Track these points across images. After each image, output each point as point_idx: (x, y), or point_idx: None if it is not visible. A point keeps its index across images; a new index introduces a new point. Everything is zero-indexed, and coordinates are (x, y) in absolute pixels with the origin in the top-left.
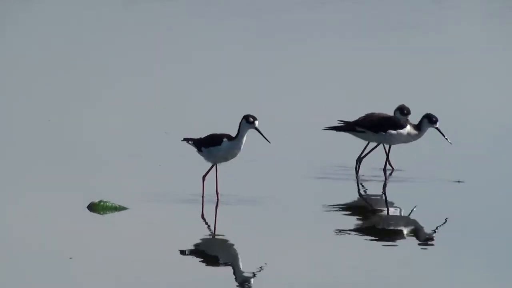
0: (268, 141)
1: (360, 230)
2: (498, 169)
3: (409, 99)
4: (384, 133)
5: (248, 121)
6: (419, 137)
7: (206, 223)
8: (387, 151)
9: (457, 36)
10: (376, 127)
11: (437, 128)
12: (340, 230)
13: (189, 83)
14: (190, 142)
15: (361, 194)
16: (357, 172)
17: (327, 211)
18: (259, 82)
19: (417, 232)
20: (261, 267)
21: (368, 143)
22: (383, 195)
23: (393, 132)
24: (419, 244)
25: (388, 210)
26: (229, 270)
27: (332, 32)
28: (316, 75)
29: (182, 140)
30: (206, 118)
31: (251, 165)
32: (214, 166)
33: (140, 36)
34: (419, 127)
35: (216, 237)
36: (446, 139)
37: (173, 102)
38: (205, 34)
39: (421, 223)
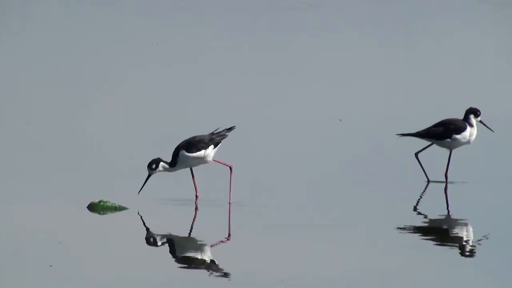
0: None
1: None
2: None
3: (410, 100)
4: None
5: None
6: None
7: (205, 224)
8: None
9: (455, 38)
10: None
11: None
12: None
13: (189, 83)
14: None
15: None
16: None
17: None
18: (256, 82)
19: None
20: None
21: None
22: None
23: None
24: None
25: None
26: (228, 270)
27: (331, 33)
28: (316, 76)
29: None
30: (208, 118)
31: (251, 169)
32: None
33: (140, 35)
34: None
35: (216, 238)
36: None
37: (173, 103)
38: (204, 34)
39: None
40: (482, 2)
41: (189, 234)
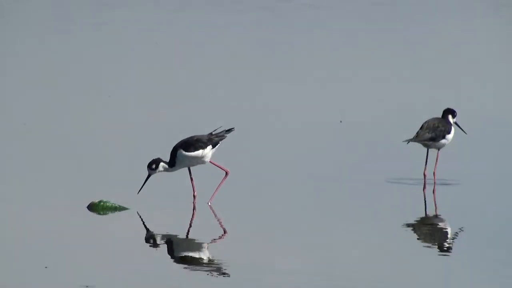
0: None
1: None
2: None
3: (410, 100)
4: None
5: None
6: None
7: (205, 224)
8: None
9: (456, 38)
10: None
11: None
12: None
13: (188, 84)
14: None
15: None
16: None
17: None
18: (255, 83)
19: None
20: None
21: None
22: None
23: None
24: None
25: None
26: (228, 270)
27: (331, 34)
28: (316, 77)
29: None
30: (207, 119)
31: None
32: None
33: (140, 36)
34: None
35: (214, 238)
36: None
37: (173, 103)
38: (204, 35)
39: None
40: (482, 2)
41: (188, 234)
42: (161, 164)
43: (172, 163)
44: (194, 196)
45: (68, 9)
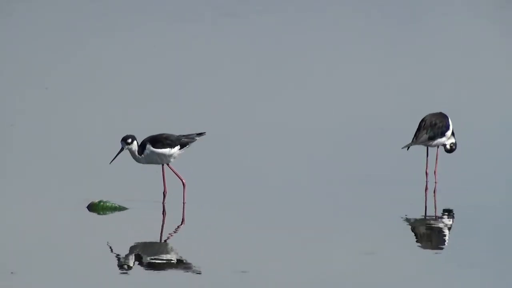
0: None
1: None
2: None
3: (411, 102)
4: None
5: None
6: None
7: (204, 224)
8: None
9: (458, 39)
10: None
11: None
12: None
13: (187, 87)
14: None
15: None
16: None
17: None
18: (254, 85)
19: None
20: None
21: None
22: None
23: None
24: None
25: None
26: (227, 270)
27: (329, 35)
28: (315, 78)
29: None
30: (205, 120)
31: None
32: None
33: (140, 36)
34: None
35: (213, 237)
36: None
37: (173, 105)
38: (204, 37)
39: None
40: (483, 4)
41: (187, 234)
42: (135, 142)
43: (141, 153)
44: (183, 184)
45: (66, 10)
